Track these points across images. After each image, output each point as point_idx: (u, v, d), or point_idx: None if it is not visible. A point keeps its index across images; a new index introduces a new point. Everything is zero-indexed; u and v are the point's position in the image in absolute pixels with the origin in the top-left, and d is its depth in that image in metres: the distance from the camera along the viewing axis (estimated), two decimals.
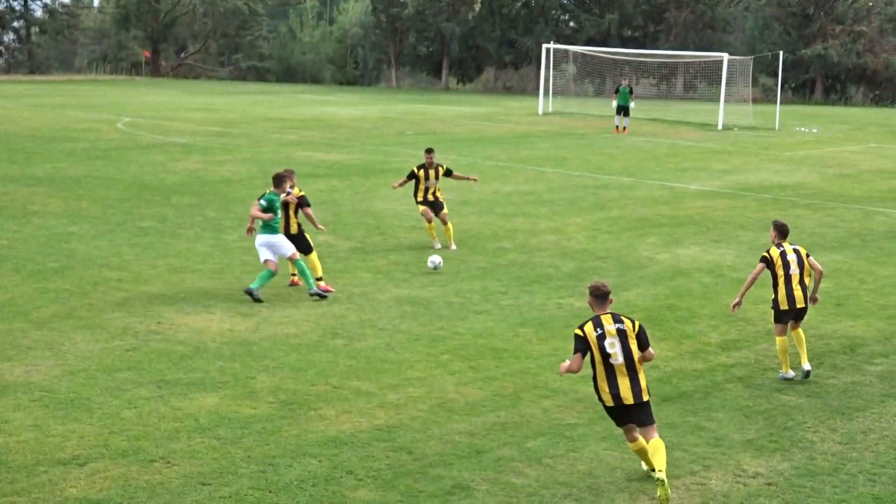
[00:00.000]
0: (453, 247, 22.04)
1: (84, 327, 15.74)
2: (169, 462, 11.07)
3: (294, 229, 18.41)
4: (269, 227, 17.74)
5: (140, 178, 30.27)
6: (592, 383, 10.95)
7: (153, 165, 33.01)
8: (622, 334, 10.73)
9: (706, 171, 35.84)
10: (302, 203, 18.44)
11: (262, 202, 17.71)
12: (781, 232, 14.68)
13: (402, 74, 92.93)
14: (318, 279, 18.18)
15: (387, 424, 12.28)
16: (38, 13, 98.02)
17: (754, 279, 14.48)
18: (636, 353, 10.76)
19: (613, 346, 10.69)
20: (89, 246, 21.23)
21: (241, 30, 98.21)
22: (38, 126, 43.95)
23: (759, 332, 16.47)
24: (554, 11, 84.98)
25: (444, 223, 22.12)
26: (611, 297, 10.94)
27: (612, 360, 10.69)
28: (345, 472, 10.96)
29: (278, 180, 18.17)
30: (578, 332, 10.79)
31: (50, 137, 40.06)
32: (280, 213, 17.99)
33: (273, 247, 17.75)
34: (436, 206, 22.08)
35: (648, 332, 11.12)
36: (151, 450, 11.37)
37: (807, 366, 14.47)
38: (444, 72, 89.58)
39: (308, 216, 18.55)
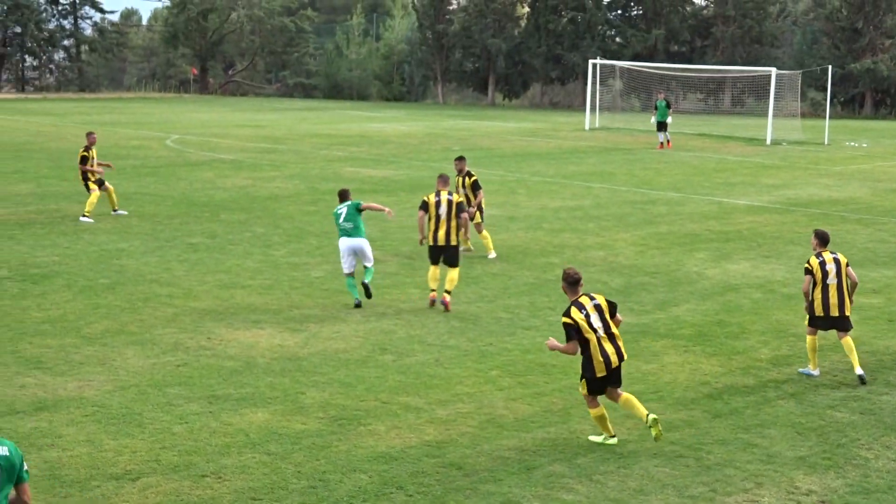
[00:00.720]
0: (471, 248, 23.07)
1: (135, 343, 15.86)
2: (220, 477, 11.12)
3: (454, 241, 18.37)
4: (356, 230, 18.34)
5: (189, 195, 30.51)
6: (583, 363, 12.11)
7: (202, 182, 33.26)
8: (599, 309, 12.15)
9: (755, 186, 35.60)
10: (461, 208, 18.48)
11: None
12: (822, 240, 15.28)
13: (448, 90, 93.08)
14: (447, 292, 18.24)
15: (436, 440, 12.27)
16: (88, 32, 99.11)
17: (807, 291, 15.02)
18: (612, 323, 12.19)
19: (597, 321, 12.07)
20: (139, 262, 21.40)
21: (287, 47, 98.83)
22: None
23: None
24: (600, 27, 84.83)
25: (478, 231, 22.96)
26: (581, 281, 12.37)
27: (599, 334, 12.04)
28: (395, 488, 10.96)
29: (443, 179, 18.92)
30: (567, 319, 12.08)
31: (100, 155, 40.14)
32: (430, 220, 18.28)
33: (357, 253, 18.36)
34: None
35: (700, 348, 11.19)
36: (202, 465, 11.42)
37: (859, 370, 14.79)
38: (491, 87, 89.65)
39: (465, 224, 18.66)
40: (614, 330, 12.18)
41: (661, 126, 48.31)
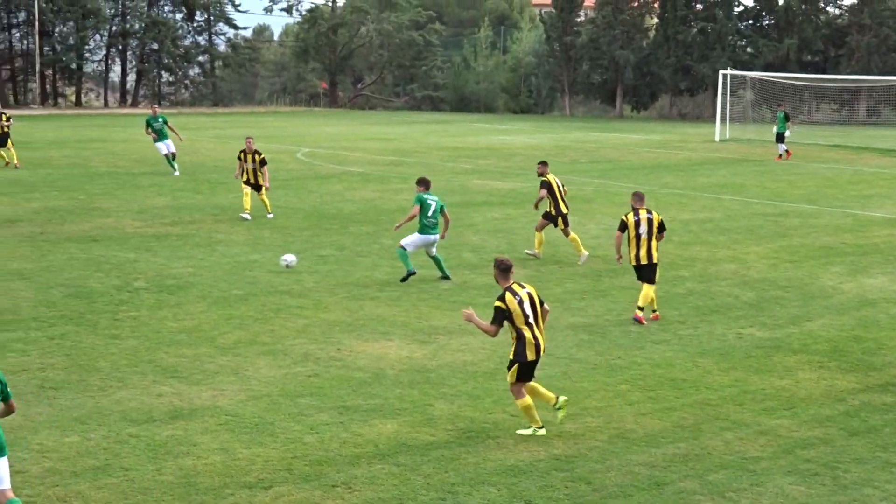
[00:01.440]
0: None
1: (267, 353, 16.11)
2: (350, 487, 11.21)
3: (655, 258, 18.35)
4: (437, 227, 21.33)
5: (319, 207, 30.91)
6: (517, 348, 12.62)
7: (331, 195, 33.68)
8: (530, 297, 12.77)
9: (892, 198, 34.70)
10: (662, 226, 18.44)
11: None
12: None
13: (575, 102, 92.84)
14: (640, 308, 18.22)
15: (565, 454, 12.20)
16: (222, 48, 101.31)
17: None
18: (540, 312, 12.84)
19: (528, 308, 12.66)
20: (271, 273, 21.73)
21: (416, 60, 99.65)
22: (221, 157, 45.29)
23: None
24: (731, 37, 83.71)
25: (566, 236, 23.99)
26: (513, 269, 12.97)
27: (530, 320, 12.66)
28: (524, 502, 10.91)
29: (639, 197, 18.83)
30: (500, 304, 12.65)
31: (233, 168, 41.07)
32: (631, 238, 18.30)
33: (428, 245, 21.35)
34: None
35: (835, 364, 10.89)
36: (333, 475, 11.53)
37: None
38: (618, 99, 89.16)
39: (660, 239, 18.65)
40: (540, 319, 12.79)
41: (780, 137, 48.06)
